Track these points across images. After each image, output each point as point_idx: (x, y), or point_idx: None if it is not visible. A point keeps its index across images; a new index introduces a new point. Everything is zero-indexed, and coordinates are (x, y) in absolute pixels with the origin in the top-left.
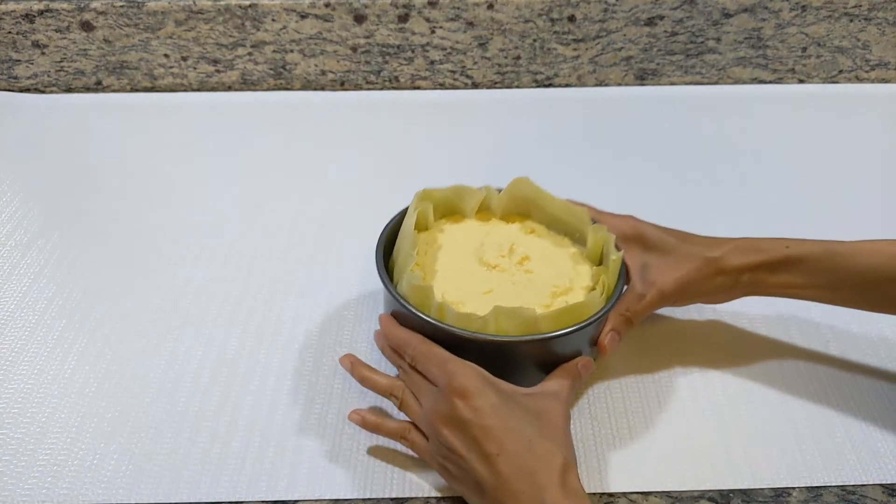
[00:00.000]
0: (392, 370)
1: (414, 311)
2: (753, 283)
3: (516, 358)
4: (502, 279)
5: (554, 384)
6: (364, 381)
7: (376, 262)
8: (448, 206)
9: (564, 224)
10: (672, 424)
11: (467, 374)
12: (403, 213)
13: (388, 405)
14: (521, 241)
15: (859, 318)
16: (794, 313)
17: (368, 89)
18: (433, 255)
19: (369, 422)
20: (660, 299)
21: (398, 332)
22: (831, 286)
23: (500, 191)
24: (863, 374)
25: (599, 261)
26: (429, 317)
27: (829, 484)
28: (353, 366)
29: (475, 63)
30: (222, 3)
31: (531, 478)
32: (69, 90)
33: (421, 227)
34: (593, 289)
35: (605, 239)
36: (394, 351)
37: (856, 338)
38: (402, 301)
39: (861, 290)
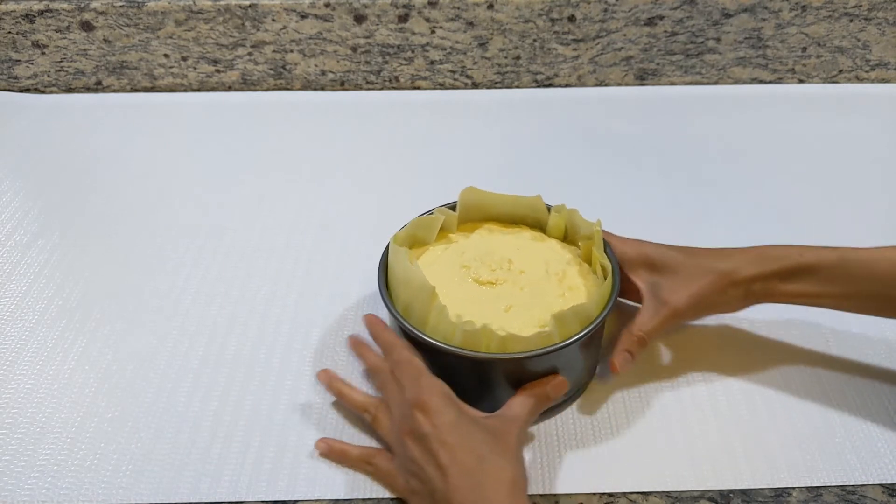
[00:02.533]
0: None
1: (464, 351)
2: (766, 291)
3: (571, 358)
4: (509, 290)
5: (516, 407)
6: (341, 397)
7: (385, 304)
8: (411, 241)
9: (517, 216)
10: (672, 424)
11: (433, 391)
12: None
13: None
14: (494, 247)
15: (860, 319)
16: (795, 314)
17: (368, 89)
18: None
19: (334, 450)
20: (673, 317)
21: (387, 334)
22: (845, 294)
23: (451, 208)
24: (863, 374)
25: (564, 236)
26: (485, 353)
27: (829, 484)
28: (331, 381)
29: (475, 63)
30: (222, 3)
31: (479, 489)
32: (69, 90)
33: None
34: (587, 264)
35: (569, 214)
36: (374, 358)
37: (856, 338)
38: (447, 346)
39: (875, 297)
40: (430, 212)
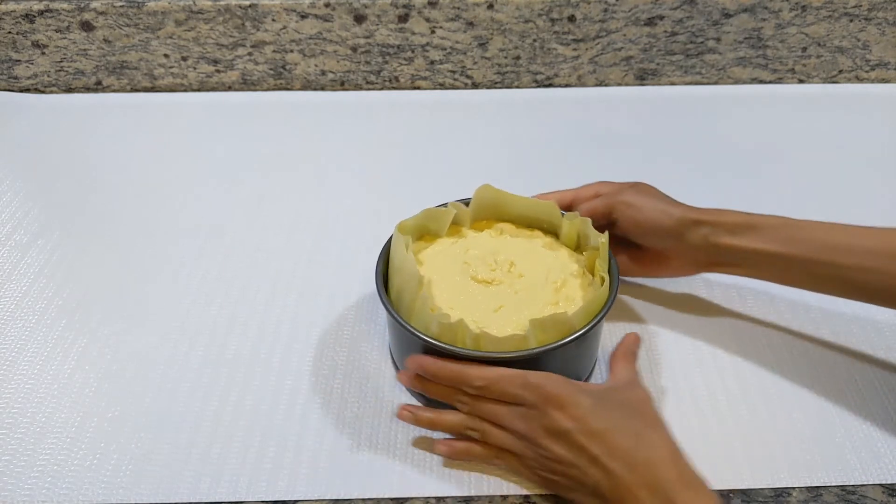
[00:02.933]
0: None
1: (447, 346)
2: (710, 241)
3: (558, 363)
4: (503, 291)
5: (625, 372)
6: (434, 426)
7: (383, 303)
8: (421, 232)
9: (532, 219)
10: (672, 424)
11: (555, 383)
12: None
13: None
14: (500, 247)
15: (860, 320)
16: (795, 314)
17: (368, 89)
18: (427, 283)
19: (457, 449)
20: (607, 209)
21: (447, 367)
22: (786, 257)
23: (467, 204)
24: (863, 374)
25: (576, 245)
26: (465, 349)
27: (829, 484)
28: (416, 413)
29: (475, 63)
30: (222, 3)
31: (647, 469)
32: (69, 90)
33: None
34: (591, 275)
35: (581, 224)
36: (446, 387)
37: (856, 339)
38: (433, 342)
39: (810, 263)
40: (445, 205)
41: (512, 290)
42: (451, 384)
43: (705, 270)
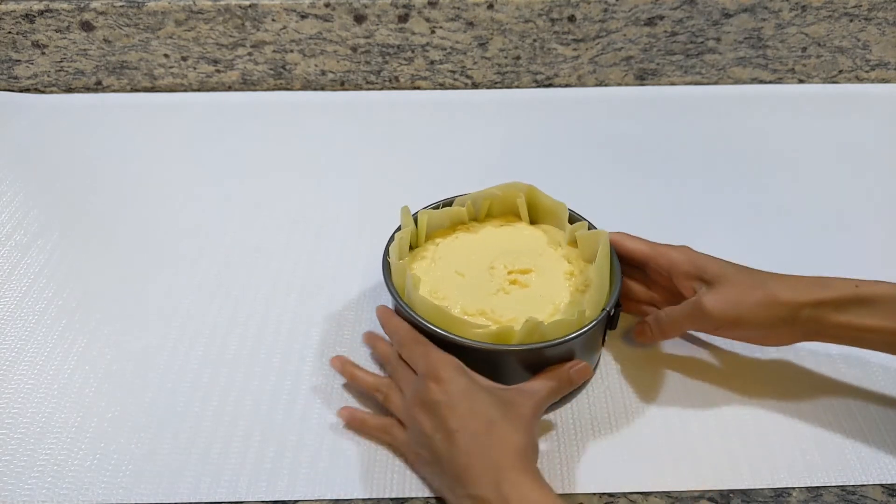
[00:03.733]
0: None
1: (427, 323)
2: (816, 319)
3: (514, 364)
4: (504, 286)
5: (536, 383)
6: (354, 380)
7: (384, 276)
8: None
9: (554, 216)
10: (672, 424)
11: (445, 362)
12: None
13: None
14: (527, 250)
15: None
16: None
17: (368, 89)
18: (446, 265)
19: (355, 418)
20: (700, 315)
21: (394, 321)
22: None
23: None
24: (863, 374)
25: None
26: (445, 331)
27: (829, 484)
28: (343, 365)
29: (475, 63)
30: (222, 3)
31: (486, 452)
32: (69, 90)
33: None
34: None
35: (593, 238)
36: (386, 346)
37: None
38: (413, 314)
39: None
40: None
41: (513, 289)
42: (388, 335)
43: (800, 341)
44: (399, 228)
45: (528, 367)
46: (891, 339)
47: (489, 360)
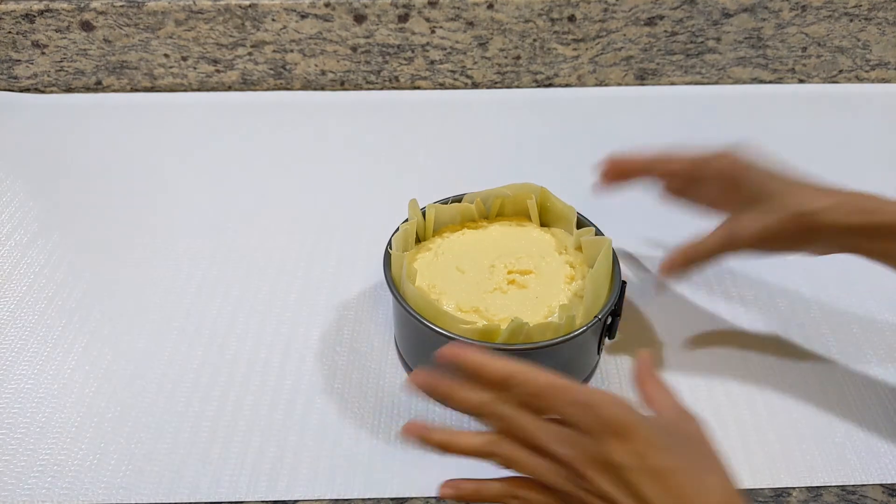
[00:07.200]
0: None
1: (416, 315)
2: (851, 246)
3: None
4: (503, 285)
5: (669, 400)
6: (449, 448)
7: (384, 267)
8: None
9: (564, 220)
10: None
11: (618, 406)
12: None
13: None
14: (529, 252)
15: (861, 319)
16: (795, 313)
17: (368, 89)
18: (445, 263)
19: (466, 490)
20: (729, 241)
21: (498, 363)
22: None
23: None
24: (863, 374)
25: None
26: (432, 324)
27: (829, 484)
28: (427, 433)
29: (475, 63)
30: (222, 3)
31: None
32: (69, 90)
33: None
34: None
35: (594, 245)
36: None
37: (856, 338)
38: (406, 306)
39: None
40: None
41: (511, 289)
42: (496, 384)
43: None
44: (407, 221)
45: None
46: None
47: None
